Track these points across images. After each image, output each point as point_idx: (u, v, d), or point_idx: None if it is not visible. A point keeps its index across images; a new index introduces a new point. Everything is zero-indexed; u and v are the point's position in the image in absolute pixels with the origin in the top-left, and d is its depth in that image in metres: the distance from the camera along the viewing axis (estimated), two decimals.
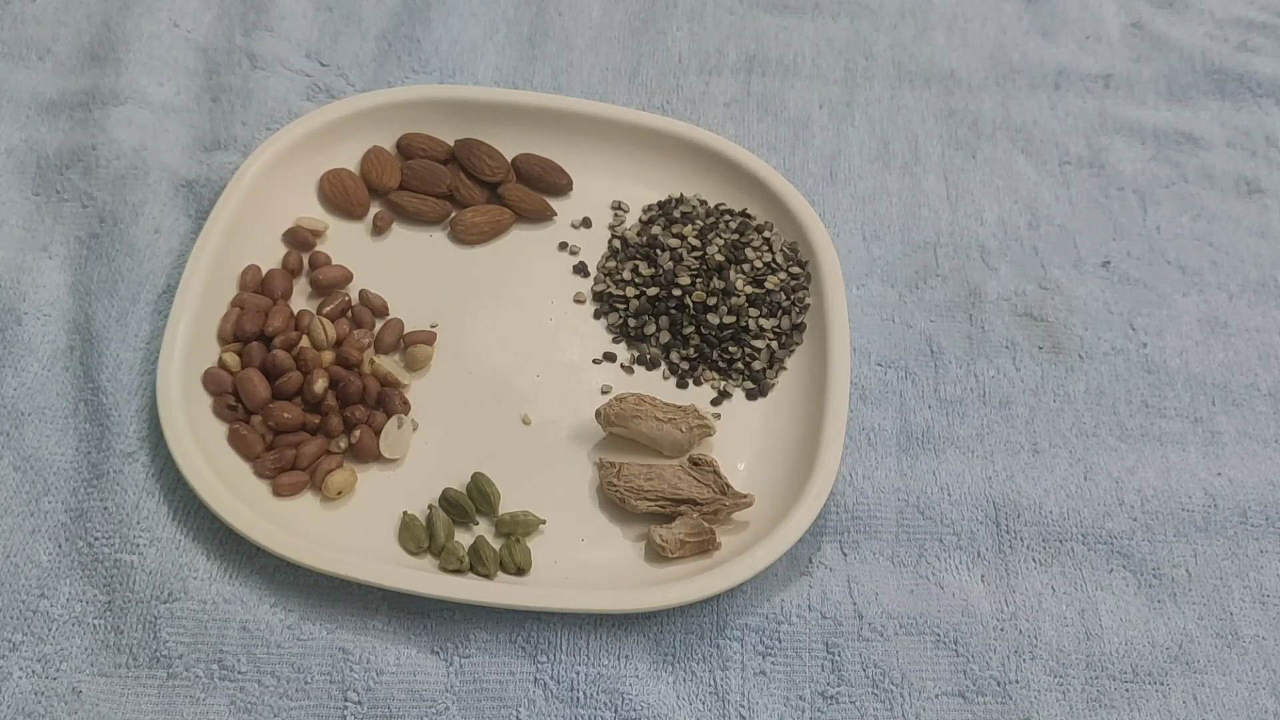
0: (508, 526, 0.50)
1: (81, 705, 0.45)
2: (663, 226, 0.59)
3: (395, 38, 0.67)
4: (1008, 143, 0.66)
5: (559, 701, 0.46)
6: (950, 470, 0.53)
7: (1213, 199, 0.65)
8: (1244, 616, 0.51)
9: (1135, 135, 0.67)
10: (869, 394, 0.56)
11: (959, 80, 0.69)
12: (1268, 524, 0.53)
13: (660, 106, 0.65)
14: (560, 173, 0.61)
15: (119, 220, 0.57)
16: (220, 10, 0.67)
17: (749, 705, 0.47)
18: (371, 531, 0.49)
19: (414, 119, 0.61)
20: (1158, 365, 0.58)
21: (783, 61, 0.69)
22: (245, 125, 0.62)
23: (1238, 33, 0.73)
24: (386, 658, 0.46)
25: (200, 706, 0.45)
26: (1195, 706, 0.48)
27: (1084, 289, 0.60)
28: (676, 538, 0.49)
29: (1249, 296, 0.61)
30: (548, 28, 0.69)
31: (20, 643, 0.46)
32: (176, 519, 0.49)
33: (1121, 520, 0.53)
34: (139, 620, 0.46)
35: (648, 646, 0.48)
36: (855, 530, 0.51)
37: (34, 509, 0.49)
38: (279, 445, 0.51)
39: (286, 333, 0.53)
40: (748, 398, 0.55)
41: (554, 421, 0.54)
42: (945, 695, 0.48)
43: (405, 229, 0.59)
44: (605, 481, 0.50)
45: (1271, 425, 0.57)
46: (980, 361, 0.57)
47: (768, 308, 0.56)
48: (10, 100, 0.61)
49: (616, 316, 0.57)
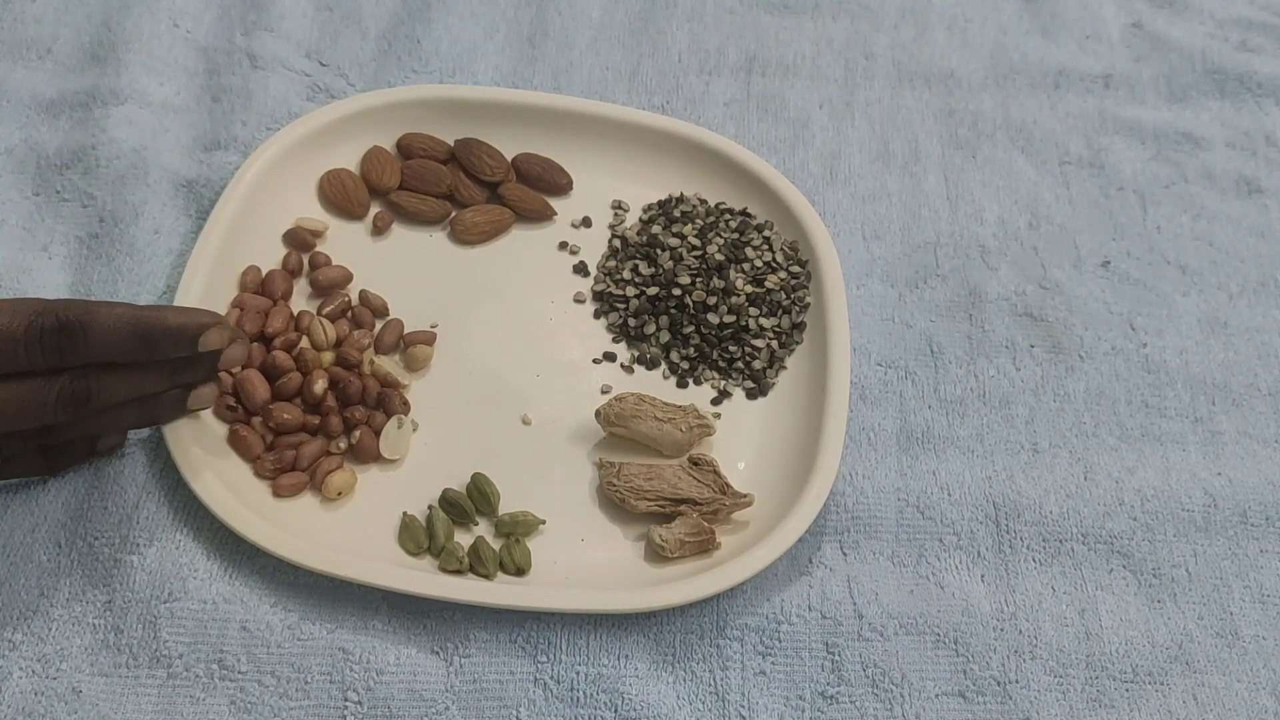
0: (507, 527, 0.50)
1: (81, 705, 0.45)
2: (663, 226, 0.59)
3: (395, 38, 0.67)
4: (1008, 143, 0.66)
5: (559, 701, 0.46)
6: (950, 470, 0.54)
7: (1213, 199, 0.65)
8: (1244, 616, 0.51)
9: (1135, 135, 0.67)
10: (869, 394, 0.56)
11: (959, 80, 0.69)
12: (1268, 524, 0.53)
13: (660, 106, 0.65)
14: (560, 172, 0.61)
15: (119, 220, 0.57)
16: (220, 10, 0.67)
17: (749, 705, 0.47)
18: (371, 532, 0.49)
19: (414, 119, 0.61)
20: (1158, 365, 0.58)
21: (783, 61, 0.69)
22: (245, 125, 0.62)
23: (1238, 33, 0.73)
24: (386, 658, 0.46)
25: (200, 706, 0.45)
26: (1195, 706, 0.48)
27: (1084, 289, 0.60)
28: (676, 538, 0.49)
29: (1249, 296, 0.61)
30: (548, 28, 0.68)
31: (20, 642, 0.46)
32: (176, 519, 0.49)
33: (1121, 520, 0.53)
34: (139, 620, 0.46)
35: (648, 646, 0.48)
36: (855, 530, 0.51)
37: (34, 509, 0.49)
38: (279, 446, 0.51)
39: (286, 334, 0.53)
40: (748, 397, 0.55)
41: (554, 421, 0.54)
42: (945, 695, 0.48)
43: (405, 229, 0.59)
44: (605, 481, 0.50)
45: (1271, 425, 0.57)
46: (980, 361, 0.57)
47: (768, 307, 0.56)
48: (10, 100, 0.61)
49: (616, 316, 0.57)
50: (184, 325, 0.43)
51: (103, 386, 0.42)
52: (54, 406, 0.41)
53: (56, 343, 0.40)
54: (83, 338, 0.41)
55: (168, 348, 0.43)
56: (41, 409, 0.41)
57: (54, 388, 0.41)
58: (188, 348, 0.44)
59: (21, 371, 0.41)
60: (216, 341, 0.44)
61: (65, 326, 0.40)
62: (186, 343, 0.43)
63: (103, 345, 0.41)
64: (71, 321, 0.40)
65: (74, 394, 0.42)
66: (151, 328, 0.42)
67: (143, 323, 0.42)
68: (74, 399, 0.42)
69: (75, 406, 0.42)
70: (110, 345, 0.42)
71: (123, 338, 0.42)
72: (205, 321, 0.44)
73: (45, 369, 0.41)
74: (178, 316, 0.43)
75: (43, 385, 0.41)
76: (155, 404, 0.46)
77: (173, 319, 0.43)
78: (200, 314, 0.44)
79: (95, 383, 0.42)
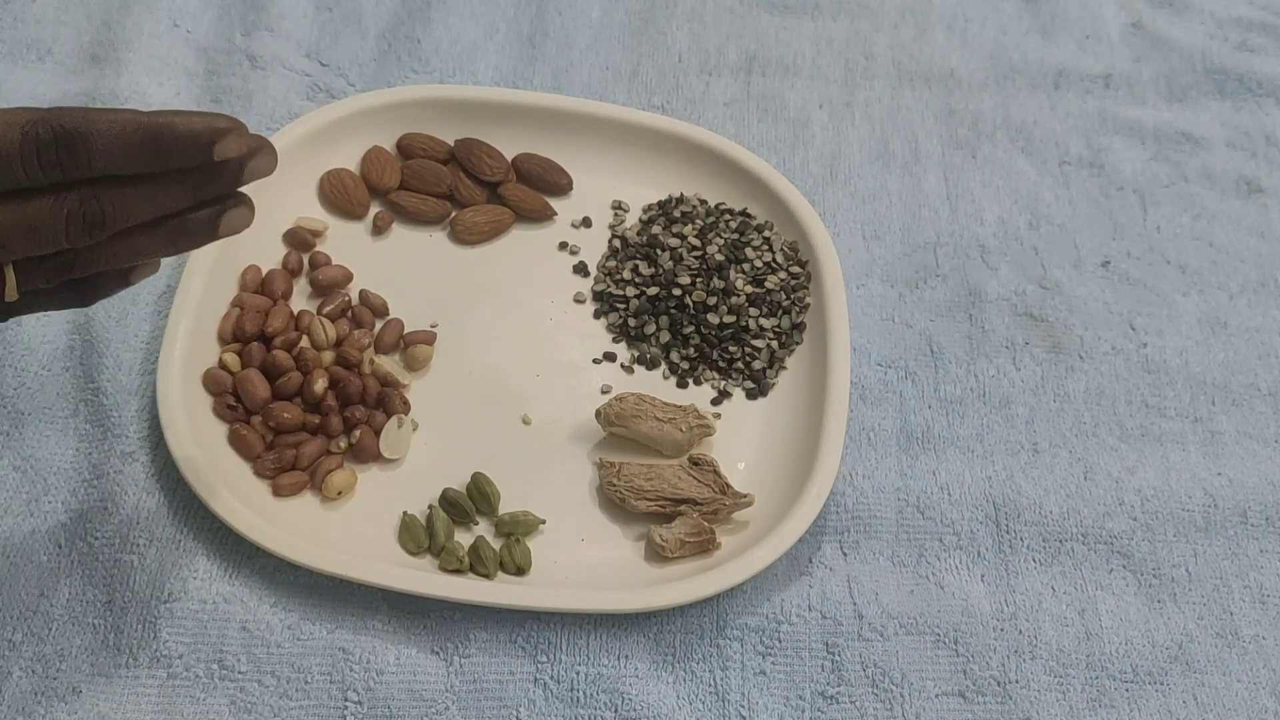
0: (508, 526, 0.50)
1: (81, 705, 0.45)
2: (663, 226, 0.59)
3: (395, 38, 0.67)
4: (1008, 143, 0.66)
5: (559, 701, 0.46)
6: (950, 470, 0.54)
7: (1213, 199, 0.65)
8: (1244, 616, 0.51)
9: (1135, 135, 0.67)
10: (869, 394, 0.56)
11: (959, 80, 0.69)
12: (1268, 524, 0.53)
13: (660, 106, 0.66)
14: (560, 173, 0.61)
15: None
16: (220, 10, 0.67)
17: (749, 705, 0.47)
18: (371, 531, 0.49)
19: (414, 119, 0.61)
20: (1158, 365, 0.58)
21: (783, 61, 0.69)
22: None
23: (1238, 33, 0.73)
24: (386, 658, 0.46)
25: (200, 706, 0.45)
26: (1195, 706, 0.48)
27: (1084, 289, 0.60)
28: (676, 538, 0.49)
29: (1249, 296, 0.61)
30: (548, 28, 0.69)
31: (20, 642, 0.46)
32: (176, 519, 0.49)
33: (1121, 520, 0.53)
34: (139, 620, 0.46)
35: (648, 646, 0.48)
36: (855, 530, 0.51)
37: (34, 509, 0.49)
38: (279, 445, 0.51)
39: (286, 333, 0.53)
40: (748, 397, 0.55)
41: (554, 421, 0.54)
42: (945, 695, 0.48)
43: (405, 229, 0.59)
44: (605, 481, 0.50)
45: (1271, 425, 0.57)
46: (980, 361, 0.57)
47: (768, 307, 0.56)
48: (10, 100, 0.61)
49: (616, 316, 0.57)
50: (194, 131, 0.39)
51: (117, 203, 0.39)
52: (65, 228, 0.38)
53: (56, 155, 0.37)
54: (84, 147, 0.37)
55: (180, 156, 0.39)
56: (53, 230, 0.38)
57: (63, 206, 0.38)
58: (201, 155, 0.39)
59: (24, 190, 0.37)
60: (233, 149, 0.40)
61: (63, 136, 0.37)
62: (200, 150, 0.39)
63: (107, 155, 0.38)
64: (70, 130, 0.37)
65: (86, 214, 0.38)
66: (160, 133, 0.38)
67: (149, 128, 0.38)
68: (87, 220, 0.38)
69: (90, 228, 0.38)
70: (116, 155, 0.38)
71: (129, 146, 0.38)
72: (219, 126, 0.39)
73: (49, 186, 0.38)
74: (188, 121, 0.39)
75: (50, 204, 0.38)
76: (182, 226, 0.42)
77: (181, 124, 0.39)
78: (214, 118, 0.40)
79: (108, 200, 0.39)
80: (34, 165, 0.37)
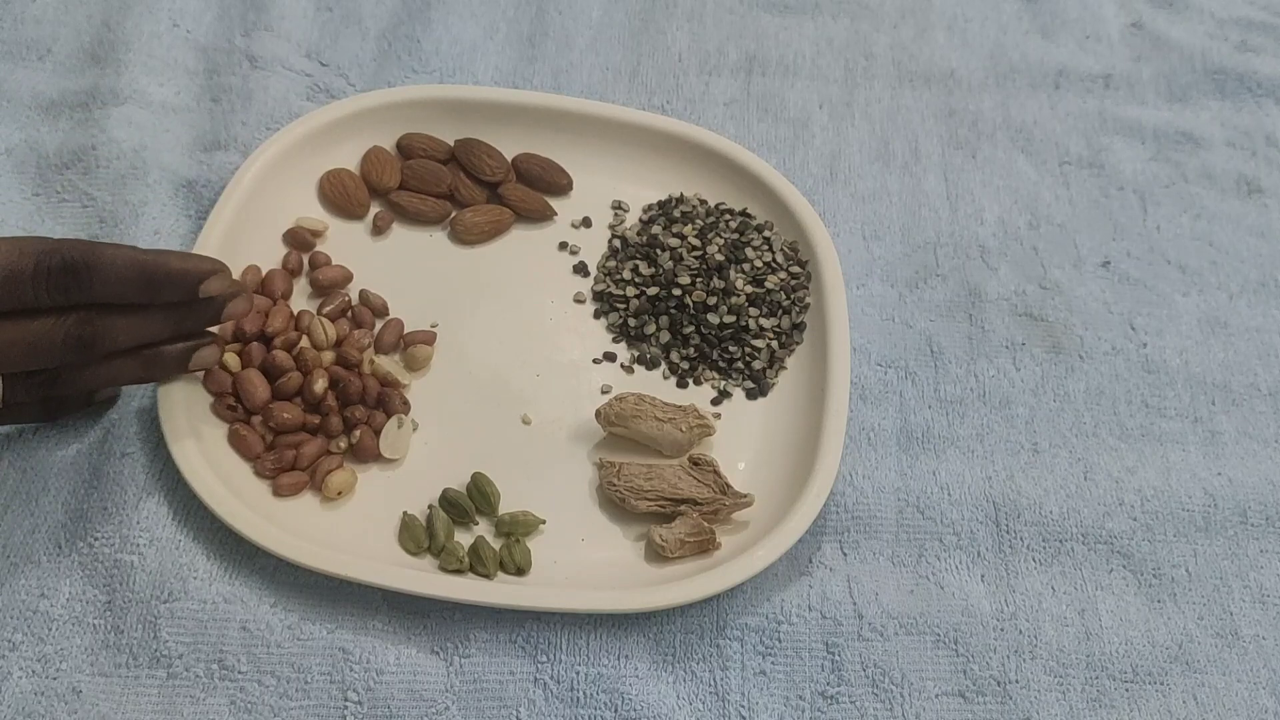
0: (508, 526, 0.50)
1: (81, 705, 0.45)
2: (663, 226, 0.59)
3: (395, 38, 0.67)
4: (1008, 143, 0.66)
5: (559, 701, 0.46)
6: (950, 470, 0.54)
7: (1213, 199, 0.65)
8: (1244, 616, 0.51)
9: (1135, 135, 0.67)
10: (869, 394, 0.56)
11: (959, 80, 0.69)
12: (1268, 524, 0.53)
13: (660, 106, 0.66)
14: (560, 172, 0.61)
15: (119, 220, 0.57)
16: (220, 10, 0.67)
17: (749, 705, 0.47)
18: (371, 531, 0.49)
19: (414, 119, 0.61)
20: (1158, 365, 0.58)
21: (783, 61, 0.69)
22: (245, 125, 0.62)
23: (1238, 33, 0.73)
24: (386, 658, 0.46)
25: (200, 706, 0.45)
26: (1195, 706, 0.48)
27: (1084, 289, 0.60)
28: (676, 537, 0.49)
29: (1249, 296, 0.61)
30: (548, 28, 0.69)
31: (20, 643, 0.46)
32: (176, 519, 0.49)
33: (1121, 520, 0.53)
34: (139, 620, 0.46)
35: (648, 646, 0.48)
36: (855, 530, 0.51)
37: (34, 509, 0.49)
38: (279, 445, 0.51)
39: (286, 333, 0.53)
40: (748, 397, 0.55)
41: (554, 421, 0.54)
42: (945, 695, 0.48)
43: (405, 229, 0.59)
44: (605, 481, 0.50)
45: (1271, 425, 0.57)
46: (980, 361, 0.57)
47: (768, 307, 0.56)
48: (10, 100, 0.61)
49: (616, 316, 0.57)
50: (185, 269, 0.44)
51: (109, 328, 0.44)
52: (61, 346, 0.42)
53: (63, 281, 0.42)
54: (88, 277, 0.42)
55: (170, 291, 0.44)
56: (50, 348, 0.42)
57: (61, 327, 0.42)
58: (189, 292, 0.45)
59: (29, 310, 0.42)
60: (217, 288, 0.45)
61: (71, 265, 0.41)
62: (187, 287, 0.45)
63: (106, 285, 0.42)
64: (77, 260, 0.42)
65: (80, 335, 0.43)
66: (155, 270, 0.43)
67: (146, 265, 0.43)
68: (80, 340, 0.43)
69: (82, 348, 0.43)
70: (114, 285, 0.43)
71: (126, 278, 0.43)
72: (206, 268, 0.45)
73: (51, 308, 0.42)
74: (180, 261, 0.44)
75: (51, 324, 0.42)
76: (158, 358, 0.47)
77: (175, 263, 0.44)
78: (203, 260, 0.45)
79: (101, 324, 0.43)
80: (42, 288, 0.41)
